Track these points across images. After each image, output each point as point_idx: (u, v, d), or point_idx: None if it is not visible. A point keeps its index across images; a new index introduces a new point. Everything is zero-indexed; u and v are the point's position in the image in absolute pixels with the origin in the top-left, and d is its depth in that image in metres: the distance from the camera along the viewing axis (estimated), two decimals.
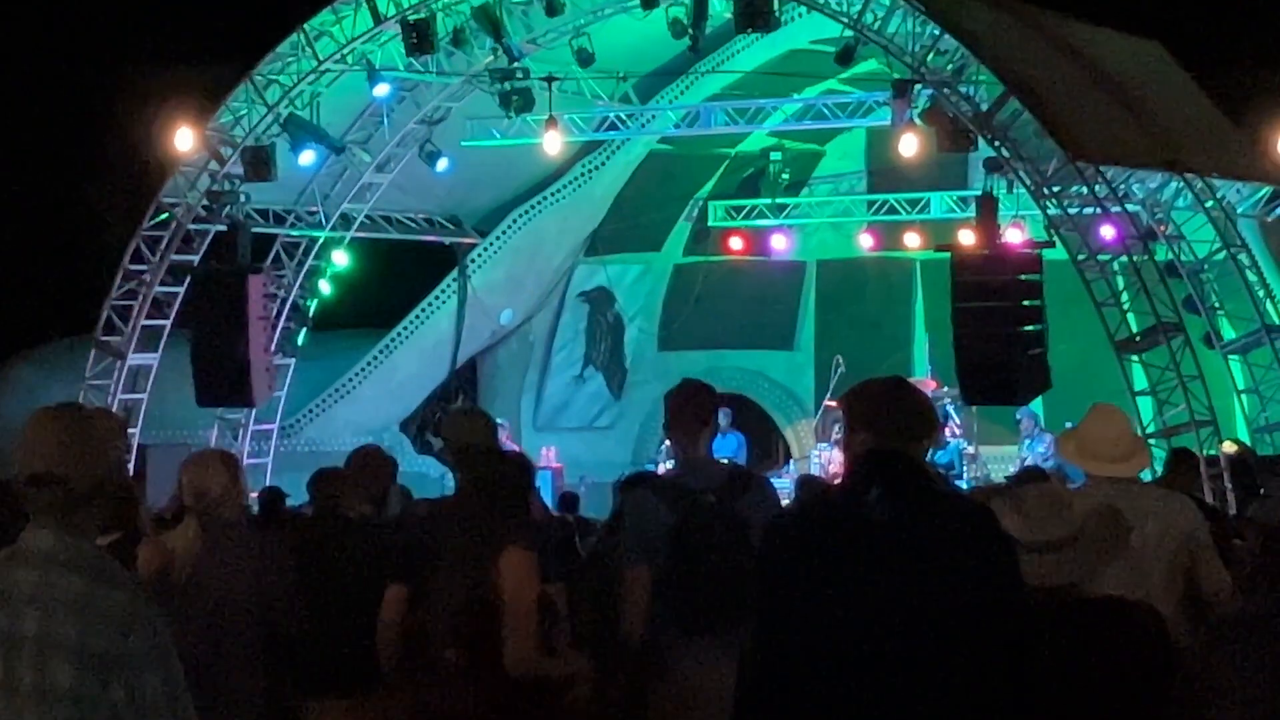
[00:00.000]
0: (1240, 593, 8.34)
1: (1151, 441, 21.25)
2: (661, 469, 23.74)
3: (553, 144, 25.06)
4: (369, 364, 30.10)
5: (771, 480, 9.44)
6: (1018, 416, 25.48)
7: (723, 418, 20.68)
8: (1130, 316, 22.04)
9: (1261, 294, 23.38)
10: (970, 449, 26.03)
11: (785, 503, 11.52)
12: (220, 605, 8.03)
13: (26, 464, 4.73)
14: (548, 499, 20.28)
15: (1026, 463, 23.46)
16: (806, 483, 15.24)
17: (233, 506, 8.48)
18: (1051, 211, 21.73)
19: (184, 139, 24.28)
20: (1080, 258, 21.71)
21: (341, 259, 27.96)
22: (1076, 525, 5.86)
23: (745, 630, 6.02)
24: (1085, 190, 21.45)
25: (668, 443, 25.83)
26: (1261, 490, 18.26)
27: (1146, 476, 12.27)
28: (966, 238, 23.01)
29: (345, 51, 24.40)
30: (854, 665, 5.39)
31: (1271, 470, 19.48)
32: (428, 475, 26.27)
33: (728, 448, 25.00)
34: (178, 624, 7.82)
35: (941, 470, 23.45)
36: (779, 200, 30.56)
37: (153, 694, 4.62)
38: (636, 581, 8.16)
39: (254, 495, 14.68)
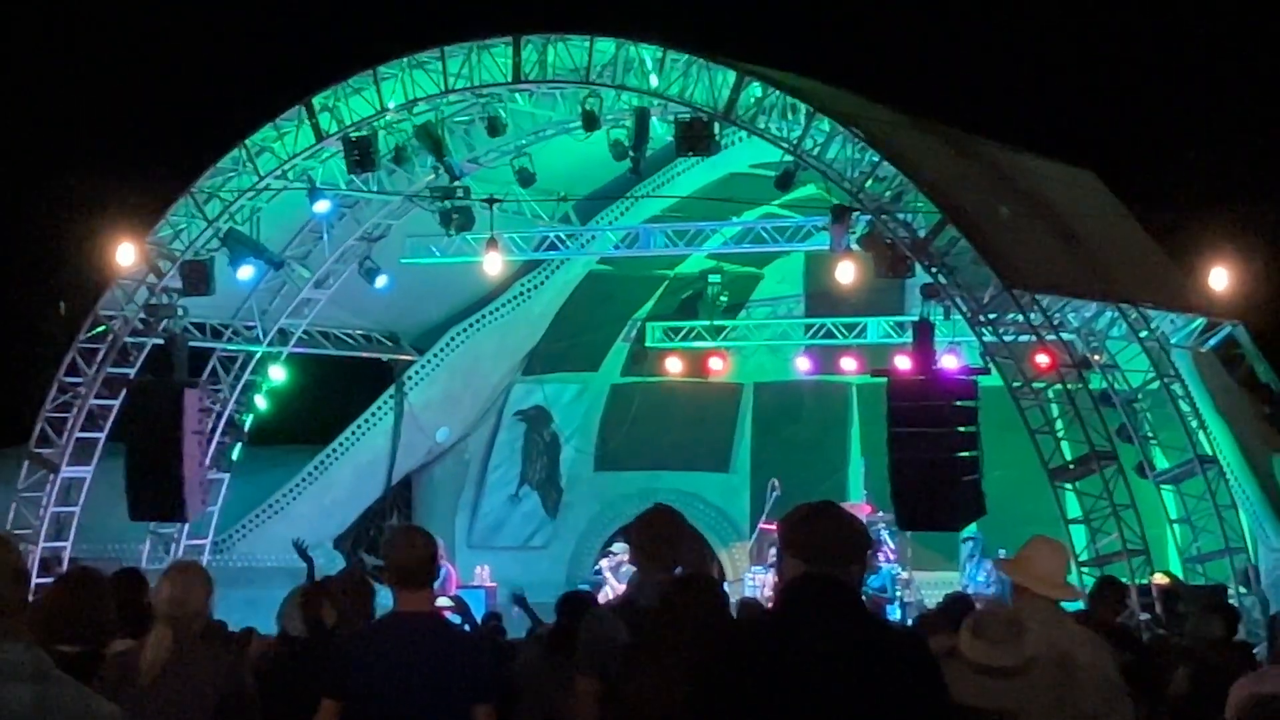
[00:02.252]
0: None
1: (1084, 570, 21.33)
2: (600, 595, 23.67)
3: (493, 264, 25.13)
4: (304, 480, 29.93)
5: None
6: (964, 538, 25.49)
7: None
8: (1064, 444, 22.15)
9: (1194, 424, 23.50)
10: (904, 574, 26.03)
11: None
12: (177, 712, 8.00)
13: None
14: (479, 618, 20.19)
15: (968, 589, 23.51)
16: (745, 606, 15.23)
17: (203, 619, 8.51)
18: (987, 339, 21.87)
19: (125, 253, 24.25)
20: (1015, 385, 21.82)
21: (278, 374, 27.88)
22: (1027, 657, 5.89)
23: None
24: (1021, 318, 21.60)
25: (602, 563, 25.92)
26: (1183, 615, 18.33)
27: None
28: (903, 363, 23.11)
29: (286, 167, 24.45)
30: None
31: (1200, 601, 19.53)
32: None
33: None
34: None
35: (875, 595, 23.46)
36: (717, 322, 30.68)
37: None
38: (586, 693, 8.35)
39: None
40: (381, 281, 26.54)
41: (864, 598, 6.11)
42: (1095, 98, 33.20)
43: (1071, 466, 21.97)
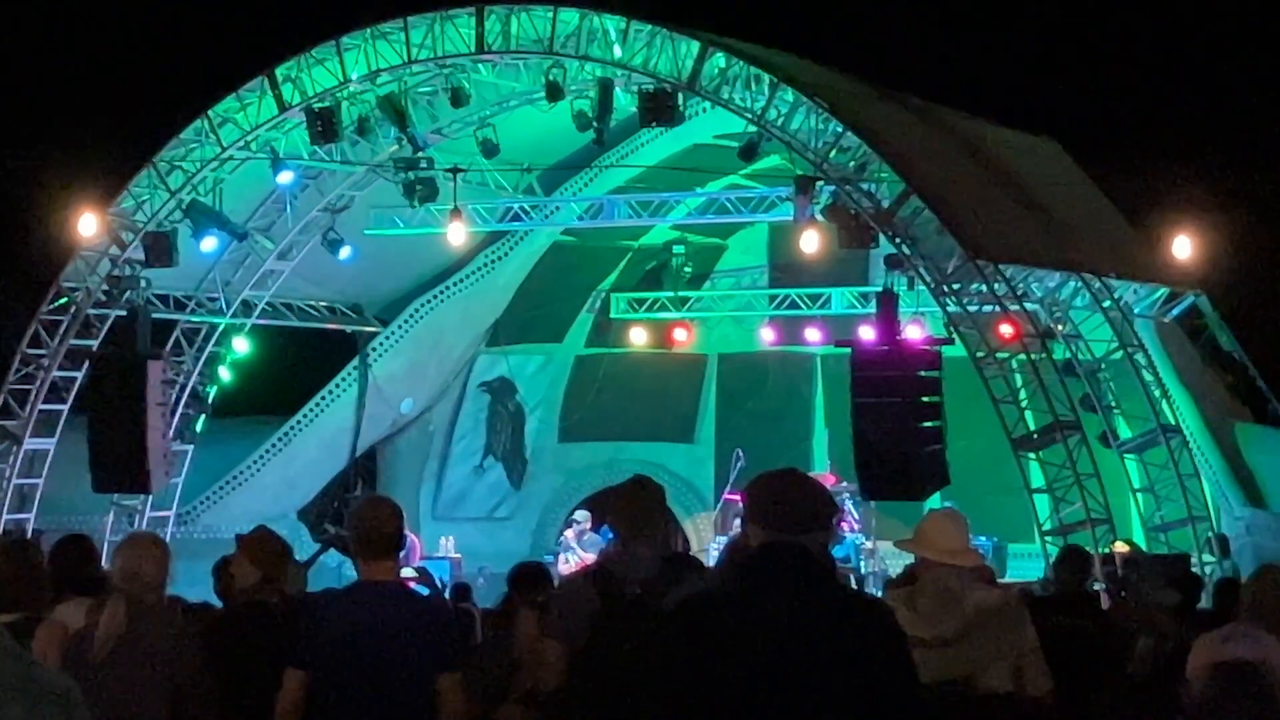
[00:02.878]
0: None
1: (1049, 539, 21.41)
2: (561, 561, 23.69)
3: (457, 235, 25.10)
4: (268, 451, 29.89)
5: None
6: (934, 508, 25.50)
7: None
8: (1028, 414, 22.25)
9: (1157, 394, 23.59)
10: (868, 544, 26.09)
11: None
12: (132, 686, 7.98)
13: None
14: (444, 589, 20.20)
15: None
16: (733, 547, 15.22)
17: (158, 592, 8.47)
18: (951, 309, 21.92)
19: (87, 224, 24.16)
20: (979, 355, 21.89)
21: (242, 346, 27.83)
22: (968, 621, 5.89)
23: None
24: (984, 288, 21.66)
25: (567, 533, 25.94)
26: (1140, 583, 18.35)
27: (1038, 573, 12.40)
28: (867, 334, 23.17)
29: (249, 138, 24.38)
30: None
31: (1160, 570, 19.59)
32: (325, 564, 26.09)
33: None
34: (93, 699, 7.82)
35: (839, 565, 23.51)
36: (681, 293, 30.68)
37: None
38: (556, 657, 8.45)
39: None
40: (345, 253, 26.48)
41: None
42: (1056, 65, 33.22)
43: (1035, 436, 22.06)
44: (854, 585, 23.05)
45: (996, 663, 6.16)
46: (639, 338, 31.09)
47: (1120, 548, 20.98)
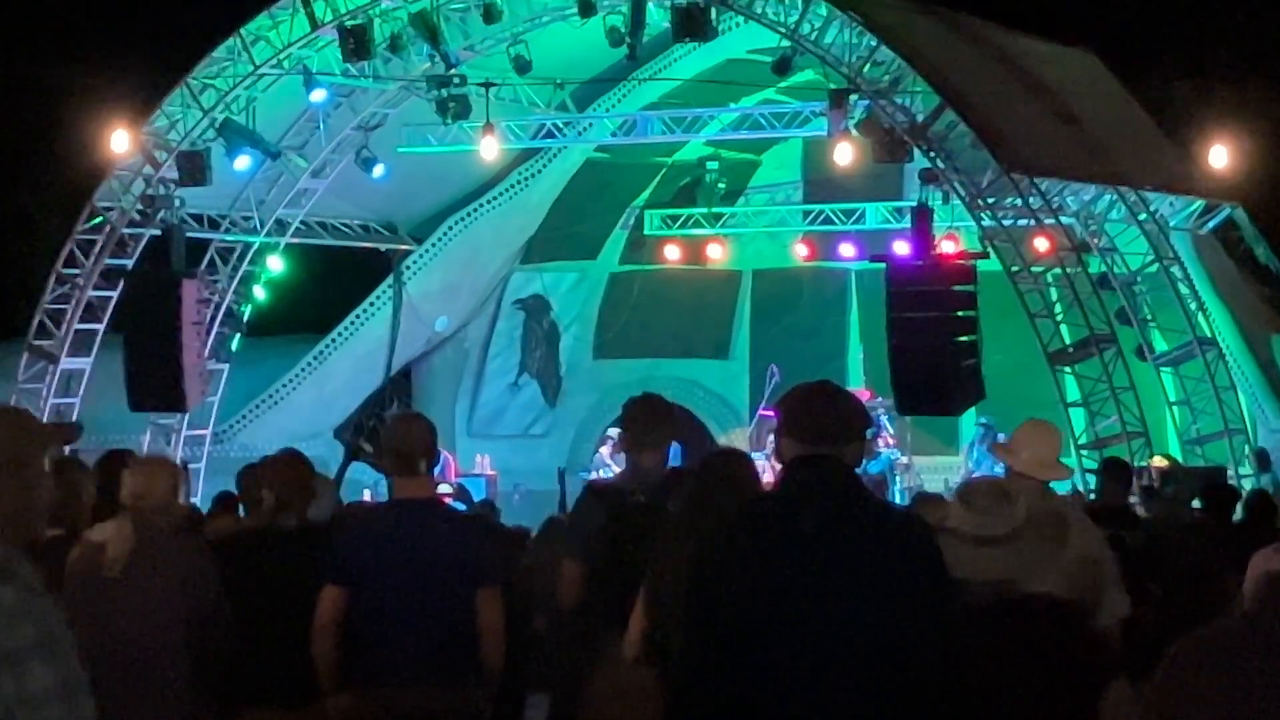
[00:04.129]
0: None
1: (1084, 453, 21.39)
2: (596, 477, 23.74)
3: (489, 150, 25.05)
4: (303, 370, 29.97)
5: None
6: (980, 422, 25.46)
7: None
8: (1063, 328, 22.16)
9: (1194, 307, 23.50)
10: (904, 459, 26.11)
11: None
12: (147, 605, 8.02)
13: None
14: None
15: (974, 473, 23.55)
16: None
17: (170, 514, 8.48)
18: (986, 223, 21.84)
19: (119, 141, 24.17)
20: (1014, 269, 21.82)
21: (276, 265, 27.85)
22: (1020, 520, 5.87)
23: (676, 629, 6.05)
24: (1019, 202, 21.58)
25: (602, 450, 26.01)
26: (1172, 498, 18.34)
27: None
28: (901, 248, 23.08)
29: (282, 56, 24.32)
30: (783, 673, 5.41)
31: (1197, 482, 19.57)
32: (360, 481, 26.20)
33: None
34: (104, 619, 7.87)
35: (875, 478, 23.53)
36: (715, 209, 30.61)
37: (42, 685, 4.58)
38: (571, 576, 8.51)
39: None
40: (378, 171, 26.46)
41: (864, 480, 6.10)
42: None
43: (1070, 350, 21.99)
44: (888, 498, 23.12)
45: (1045, 568, 6.14)
46: (673, 254, 31.02)
47: (1159, 462, 20.97)
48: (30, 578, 4.65)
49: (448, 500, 11.23)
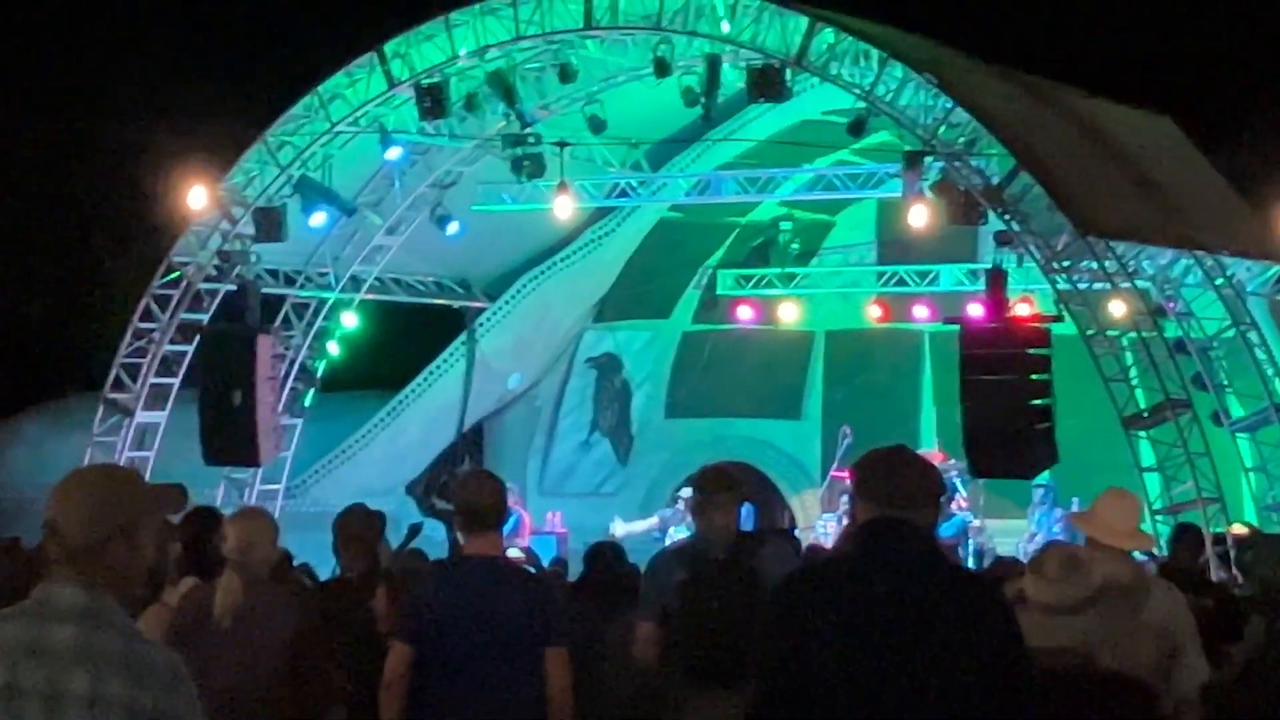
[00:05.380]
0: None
1: (1158, 518, 21.22)
2: (668, 537, 23.77)
3: (564, 209, 25.10)
4: (376, 426, 30.10)
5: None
6: (1036, 484, 25.36)
7: None
8: (1138, 393, 22.02)
9: (1270, 372, 23.35)
10: (976, 522, 25.96)
11: None
12: (253, 658, 8.08)
13: (46, 513, 4.76)
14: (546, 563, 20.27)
15: (1036, 537, 23.42)
16: (812, 550, 15.29)
17: (270, 564, 8.59)
18: (1061, 286, 21.73)
19: (197, 197, 24.35)
20: (1089, 333, 21.71)
21: (350, 321, 27.96)
22: (1093, 590, 5.84)
23: (749, 688, 6.04)
24: (1095, 265, 21.45)
25: (677, 504, 26.02)
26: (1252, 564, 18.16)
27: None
28: (975, 310, 23.00)
29: (358, 114, 24.47)
30: None
31: (1276, 549, 19.38)
32: (432, 538, 26.22)
33: None
34: (208, 671, 7.93)
35: (948, 541, 23.39)
36: (788, 270, 30.63)
37: None
38: (646, 638, 8.64)
39: None
40: (453, 228, 26.58)
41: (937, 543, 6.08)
42: (1172, 43, 32.92)
43: (1146, 415, 21.83)
44: (962, 563, 22.99)
45: (1119, 636, 6.10)
46: (745, 314, 31.01)
47: (1239, 530, 20.78)
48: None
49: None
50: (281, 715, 8.20)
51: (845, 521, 23.78)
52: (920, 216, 23.41)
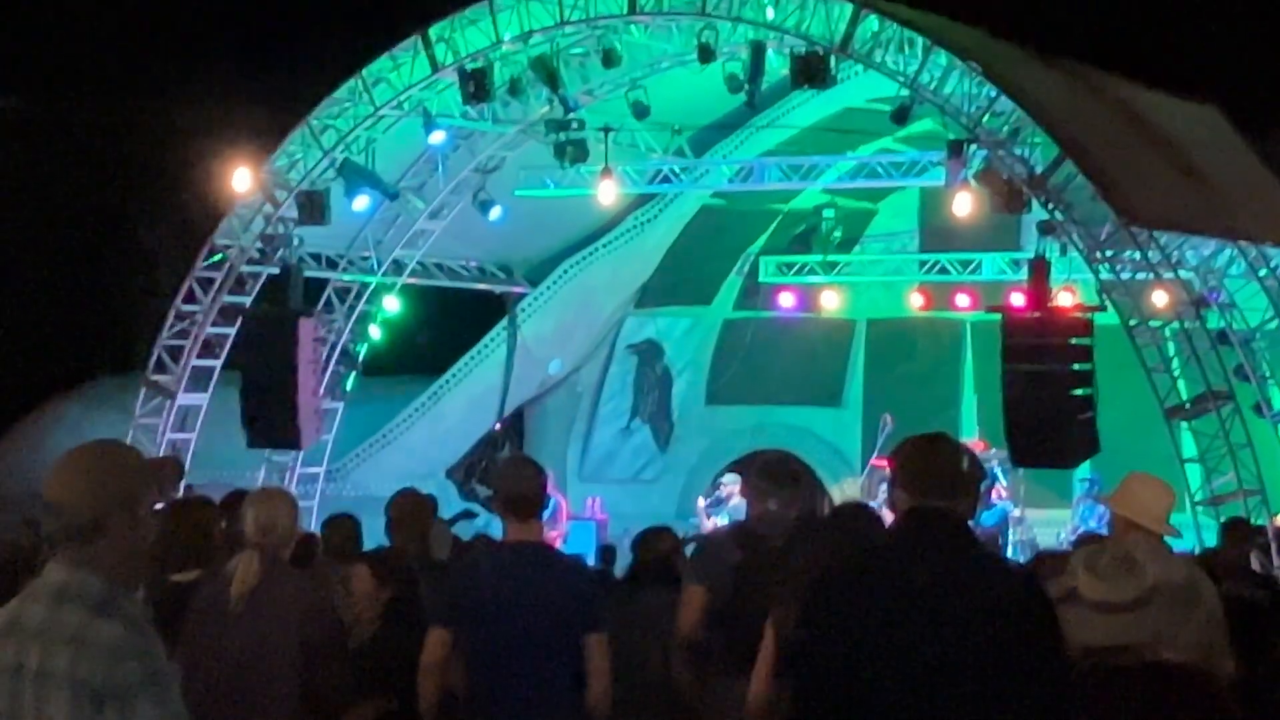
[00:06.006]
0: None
1: (1200, 509, 21.16)
2: (710, 523, 23.74)
3: (607, 194, 25.08)
4: (417, 410, 30.16)
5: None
6: (1081, 478, 25.28)
7: None
8: (1180, 383, 21.95)
9: None
10: (1017, 512, 25.90)
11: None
12: (263, 637, 8.08)
13: (44, 493, 4.80)
14: (590, 550, 20.27)
15: (1079, 530, 23.34)
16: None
17: (290, 545, 8.58)
18: (1104, 276, 21.66)
19: (240, 180, 24.40)
20: (1132, 323, 21.64)
21: (392, 305, 28.01)
22: (1148, 587, 5.81)
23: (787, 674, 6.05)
24: (1138, 255, 21.38)
25: (720, 491, 26.00)
26: None
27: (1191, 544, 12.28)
28: (1017, 300, 22.92)
29: (402, 98, 24.48)
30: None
31: None
32: (472, 523, 26.26)
33: None
34: (221, 651, 7.96)
35: (989, 530, 23.33)
36: (830, 257, 30.56)
37: None
38: (693, 599, 8.69)
39: None
40: (495, 213, 26.59)
41: (977, 533, 6.07)
42: (1218, 32, 32.76)
43: (1188, 405, 21.76)
44: (1002, 552, 22.94)
45: (1170, 636, 6.08)
46: (787, 301, 30.99)
47: None
48: (137, 615, 4.74)
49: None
50: (288, 693, 8.20)
51: (885, 510, 23.77)
52: (963, 206, 23.38)
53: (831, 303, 30.68)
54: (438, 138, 24.81)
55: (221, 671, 7.94)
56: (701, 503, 24.97)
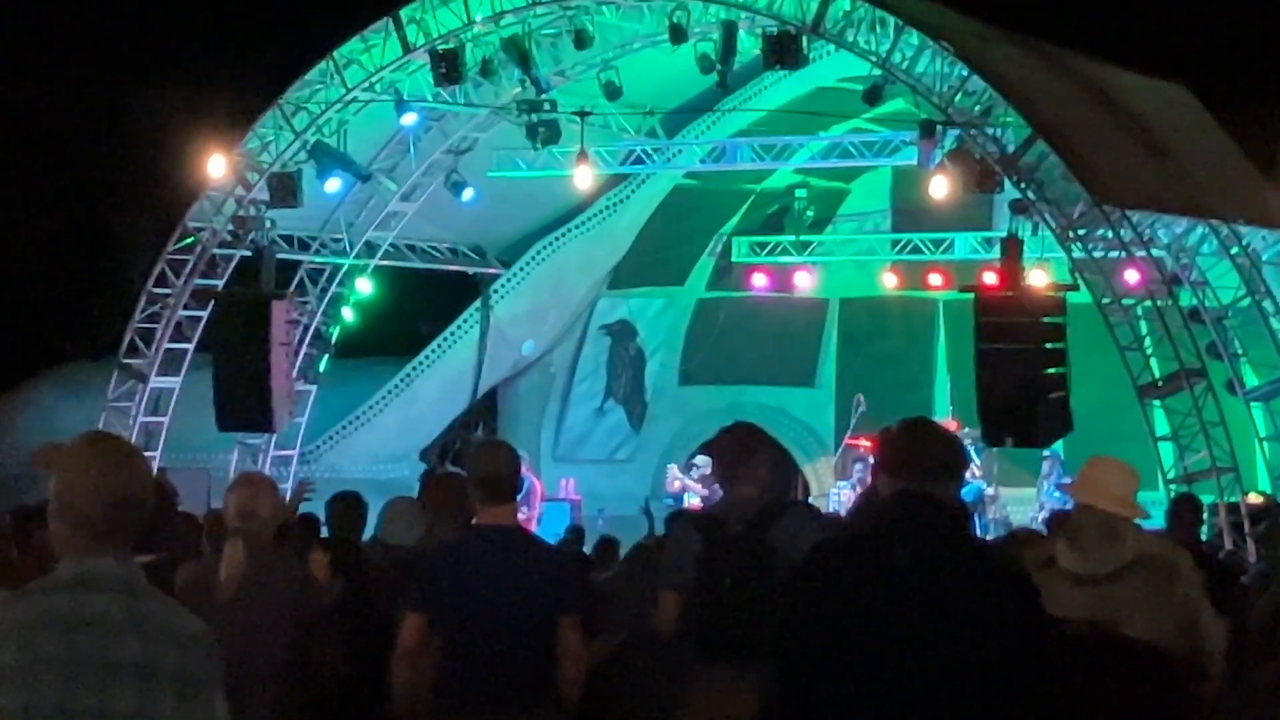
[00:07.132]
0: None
1: (1172, 487, 21.21)
2: (685, 502, 23.78)
3: (583, 178, 25.05)
4: (390, 392, 30.14)
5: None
6: (1044, 455, 25.37)
7: None
8: (1153, 361, 21.99)
9: None
10: (990, 490, 25.98)
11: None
12: (257, 623, 8.07)
13: (100, 489, 4.71)
14: (560, 531, 20.28)
15: (1045, 507, 23.40)
16: (866, 496, 15.12)
17: (273, 529, 8.56)
18: (1076, 255, 21.69)
19: (215, 165, 24.33)
20: (1104, 301, 21.68)
21: (365, 287, 27.97)
22: (1126, 561, 5.83)
23: (765, 662, 6.04)
24: (1110, 234, 21.41)
25: (675, 480, 26.05)
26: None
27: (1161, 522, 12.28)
28: (990, 279, 22.94)
29: (374, 80, 24.44)
30: (874, 708, 5.37)
31: None
32: None
33: None
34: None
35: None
36: (803, 237, 30.61)
37: (221, 714, 4.71)
38: (667, 606, 8.53)
39: None
40: (468, 195, 26.57)
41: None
42: (1187, 10, 32.78)
43: (1160, 384, 21.81)
44: (976, 530, 22.99)
45: (1147, 611, 6.09)
46: (760, 282, 31.03)
47: (1254, 499, 20.76)
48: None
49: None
50: (284, 678, 8.20)
51: (859, 489, 23.81)
52: (936, 185, 23.38)
53: (804, 283, 30.72)
54: (410, 119, 24.77)
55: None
56: (674, 471, 25.00)
